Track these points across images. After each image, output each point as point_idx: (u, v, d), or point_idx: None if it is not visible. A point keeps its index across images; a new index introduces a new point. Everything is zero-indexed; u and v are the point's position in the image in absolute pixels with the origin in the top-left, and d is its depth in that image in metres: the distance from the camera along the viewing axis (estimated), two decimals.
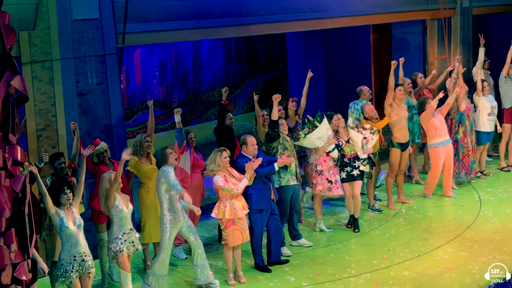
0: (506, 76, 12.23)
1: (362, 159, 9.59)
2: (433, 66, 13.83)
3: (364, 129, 9.69)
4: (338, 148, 9.45)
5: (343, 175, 9.58)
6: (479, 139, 11.78)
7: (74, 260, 6.87)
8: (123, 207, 7.38)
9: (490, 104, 11.81)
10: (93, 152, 7.92)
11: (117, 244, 7.36)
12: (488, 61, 13.00)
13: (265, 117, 9.52)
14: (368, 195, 10.56)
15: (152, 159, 8.57)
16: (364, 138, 9.56)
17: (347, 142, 9.56)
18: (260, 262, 8.55)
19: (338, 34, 16.04)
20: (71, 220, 6.89)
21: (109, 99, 9.10)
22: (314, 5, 11.81)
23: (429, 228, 9.73)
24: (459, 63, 11.53)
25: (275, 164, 8.31)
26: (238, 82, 18.22)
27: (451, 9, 14.33)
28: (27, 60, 8.31)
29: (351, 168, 9.56)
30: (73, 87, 8.74)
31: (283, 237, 9.01)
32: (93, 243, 8.39)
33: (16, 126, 5.30)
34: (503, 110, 12.30)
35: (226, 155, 7.96)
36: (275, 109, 8.59)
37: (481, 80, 11.86)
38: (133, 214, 7.67)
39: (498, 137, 12.35)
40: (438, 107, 10.64)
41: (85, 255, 6.95)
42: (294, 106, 10.16)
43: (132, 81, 15.95)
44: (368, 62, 16.24)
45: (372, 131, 9.69)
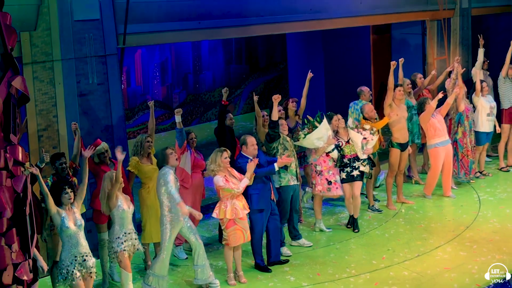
0: (505, 77, 12.22)
1: (362, 160, 9.58)
2: (432, 67, 13.82)
3: (364, 129, 9.68)
4: (338, 149, 9.45)
5: (343, 175, 9.57)
6: (478, 140, 11.77)
7: (75, 260, 6.86)
8: (125, 207, 7.39)
9: (489, 104, 11.81)
10: (94, 152, 7.92)
11: (118, 244, 7.35)
12: (488, 61, 12.99)
13: (265, 117, 9.51)
14: (367, 196, 10.55)
15: (152, 159, 8.57)
16: (364, 139, 9.55)
17: (347, 142, 9.56)
18: (260, 262, 8.55)
19: (338, 35, 16.03)
20: (72, 220, 6.89)
21: (110, 99, 9.09)
22: (314, 6, 11.81)
23: (428, 228, 9.73)
24: (458, 64, 11.52)
25: (275, 164, 8.30)
26: (239, 83, 18.21)
27: (450, 10, 14.33)
28: (28, 60, 8.31)
29: (351, 169, 9.56)
30: (74, 88, 8.73)
31: (283, 237, 9.01)
32: (94, 243, 8.38)
33: (17, 126, 5.29)
34: (502, 111, 12.30)
35: (227, 156, 7.96)
36: (275, 109, 8.58)
37: (480, 81, 11.86)
38: (133, 214, 7.67)
39: (497, 137, 12.33)
40: (438, 107, 10.64)
41: (85, 255, 6.94)
42: (294, 107, 10.16)
43: (133, 81, 15.95)
44: (368, 63, 16.24)
45: (372, 131, 9.69)
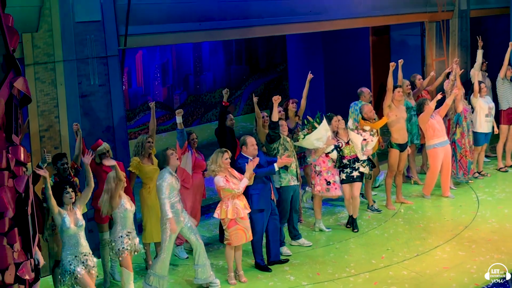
0: (503, 78, 12.21)
1: (361, 161, 9.57)
2: (431, 68, 13.82)
3: (364, 131, 9.67)
4: (337, 149, 9.44)
5: (342, 176, 9.56)
6: (477, 140, 11.76)
7: (75, 259, 6.87)
8: (127, 206, 7.39)
9: (488, 105, 11.80)
10: (95, 153, 7.93)
11: (120, 243, 7.35)
12: (486, 63, 12.98)
13: (265, 118, 9.51)
14: (366, 196, 10.55)
15: (153, 159, 8.56)
16: (364, 140, 9.55)
17: (346, 143, 9.54)
18: (261, 262, 8.54)
19: (338, 36, 16.04)
20: (72, 221, 6.89)
21: (111, 100, 9.09)
22: (314, 7, 11.81)
23: (427, 228, 9.72)
24: (456, 65, 11.52)
25: (275, 165, 8.30)
26: (239, 84, 18.20)
27: (449, 11, 14.32)
28: (30, 61, 8.31)
29: (351, 170, 9.55)
30: (75, 89, 8.73)
31: (283, 236, 9.01)
32: (95, 242, 8.39)
33: (19, 127, 5.29)
34: (500, 112, 12.28)
35: (227, 156, 7.95)
36: (275, 110, 8.57)
37: (478, 82, 11.84)
38: (135, 214, 7.66)
39: (495, 138, 12.33)
40: (437, 108, 10.64)
41: (86, 255, 6.95)
42: (294, 107, 10.15)
43: (134, 82, 15.94)
44: (367, 64, 16.24)
45: (372, 133, 9.68)
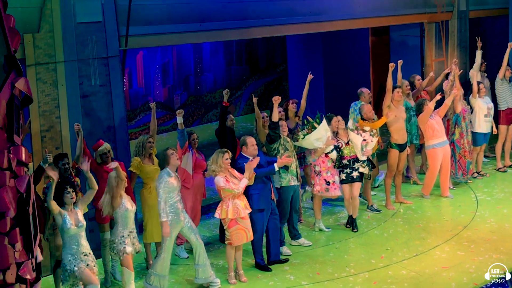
0: (502, 79, 12.20)
1: (361, 161, 9.56)
2: (430, 69, 13.81)
3: (364, 131, 9.66)
4: (337, 150, 9.43)
5: (342, 176, 9.55)
6: (476, 140, 11.76)
7: (75, 258, 6.88)
8: (128, 206, 7.40)
9: (486, 105, 11.79)
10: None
11: (121, 243, 7.35)
12: (485, 63, 12.98)
13: (265, 118, 9.50)
14: (366, 196, 10.54)
15: (154, 159, 8.56)
16: (364, 140, 9.54)
17: (346, 144, 9.54)
18: (261, 261, 8.54)
19: (338, 37, 16.04)
20: (73, 221, 6.91)
21: (112, 100, 9.09)
22: (313, 8, 11.81)
23: (426, 228, 9.72)
24: (455, 66, 11.52)
25: (275, 165, 8.30)
26: (239, 84, 18.20)
27: (448, 12, 14.32)
28: (32, 62, 8.30)
29: (351, 170, 9.54)
30: (76, 89, 8.72)
31: (283, 236, 9.00)
32: (96, 242, 8.39)
33: (21, 127, 5.29)
34: (499, 112, 12.27)
35: (228, 157, 7.95)
36: (275, 110, 8.57)
37: (477, 82, 11.83)
38: (135, 214, 7.66)
39: (494, 138, 12.32)
40: (436, 108, 10.64)
41: (86, 255, 6.96)
42: (294, 108, 10.15)
43: (135, 83, 15.94)
44: (367, 64, 16.26)
45: (371, 133, 9.67)
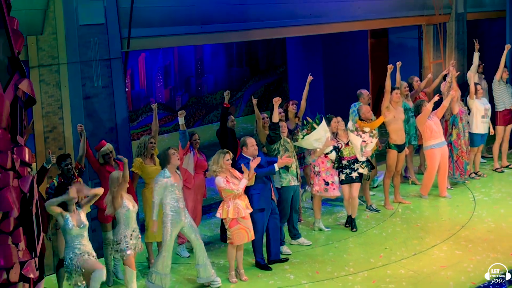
0: (499, 80, 12.20)
1: (361, 162, 9.55)
2: (428, 70, 13.82)
3: (363, 132, 9.66)
4: (336, 150, 9.43)
5: (342, 177, 9.54)
6: (473, 141, 11.76)
7: (76, 255, 6.90)
8: (130, 206, 7.39)
9: (484, 106, 11.79)
10: (99, 153, 7.96)
11: (124, 243, 7.35)
12: (482, 65, 12.98)
13: (265, 119, 9.50)
14: (365, 196, 10.54)
15: (156, 160, 8.56)
16: (363, 141, 9.53)
17: (346, 144, 9.53)
18: (261, 261, 8.53)
19: (337, 39, 16.05)
20: (75, 221, 6.91)
21: (114, 101, 9.09)
22: (313, 11, 11.81)
23: (425, 228, 9.71)
24: (453, 67, 11.52)
25: (275, 165, 8.29)
26: (240, 86, 18.21)
27: (446, 14, 14.32)
28: (35, 64, 8.30)
29: (350, 170, 9.53)
30: (79, 90, 8.73)
31: (283, 236, 9.00)
32: (99, 241, 8.38)
33: (24, 128, 5.28)
34: (496, 113, 12.27)
35: (229, 157, 7.95)
36: (276, 111, 8.58)
37: (474, 84, 11.84)
38: (137, 214, 7.66)
39: (492, 139, 12.33)
40: (434, 110, 10.64)
41: (88, 255, 6.96)
42: (294, 109, 10.15)
43: (137, 84, 15.95)
44: (366, 66, 16.26)
45: (371, 134, 9.67)
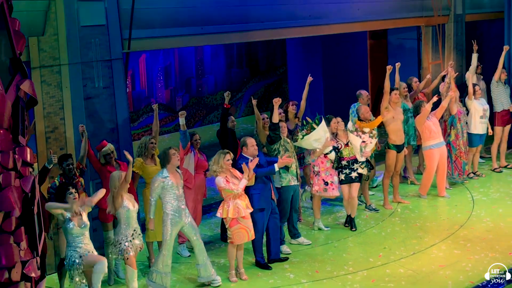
0: (497, 81, 12.20)
1: (360, 162, 9.55)
2: (427, 71, 13.82)
3: (363, 133, 9.65)
4: (336, 151, 9.43)
5: (342, 177, 9.53)
6: (472, 141, 11.76)
7: (77, 252, 6.91)
8: (130, 206, 7.39)
9: (482, 107, 11.79)
10: (100, 154, 7.94)
11: (124, 242, 7.35)
12: (481, 66, 12.98)
13: (265, 120, 9.50)
14: (364, 196, 10.54)
15: (156, 160, 8.56)
16: (363, 142, 9.53)
17: (346, 145, 9.52)
18: (261, 260, 8.53)
19: (337, 40, 16.05)
20: (76, 222, 6.92)
21: (115, 102, 9.08)
22: (313, 12, 11.81)
23: (424, 227, 9.71)
24: (451, 68, 11.52)
25: (275, 165, 8.29)
26: (240, 86, 18.21)
27: (445, 16, 14.32)
28: (36, 65, 8.30)
29: (350, 171, 9.53)
30: (80, 91, 8.72)
31: (283, 235, 9.00)
32: (100, 241, 8.38)
33: (26, 128, 5.28)
34: (494, 114, 12.27)
35: (229, 158, 7.95)
36: (276, 112, 8.58)
37: (472, 84, 11.84)
38: (138, 213, 7.67)
39: (490, 139, 12.33)
40: (433, 110, 10.63)
41: (89, 253, 6.96)
42: (294, 109, 10.15)
43: (138, 85, 15.95)
44: (365, 67, 16.26)
45: (371, 134, 9.66)
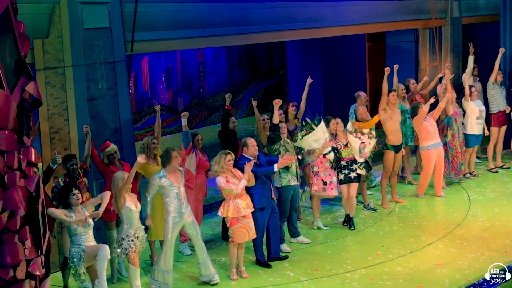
0: (493, 83, 12.21)
1: (359, 163, 9.55)
2: (425, 73, 13.83)
3: (362, 134, 9.65)
4: (335, 151, 9.43)
5: (341, 177, 9.53)
6: (468, 142, 11.75)
7: (80, 252, 6.91)
8: (132, 207, 7.39)
9: (478, 108, 11.79)
10: (104, 154, 7.95)
11: (127, 241, 7.35)
12: (477, 68, 12.98)
13: (265, 121, 9.51)
14: (362, 195, 10.54)
15: (158, 160, 8.56)
16: (362, 143, 9.53)
17: (345, 146, 9.52)
18: (261, 258, 8.53)
19: (335, 42, 16.06)
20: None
21: (118, 103, 9.09)
22: (312, 15, 11.82)
23: (421, 226, 9.71)
24: (448, 70, 11.52)
25: (275, 165, 8.29)
26: (240, 88, 18.21)
27: (442, 18, 14.33)
28: (41, 66, 8.31)
29: (349, 171, 9.52)
30: (84, 92, 8.73)
31: (283, 234, 9.00)
32: (103, 240, 8.38)
33: (30, 129, 5.28)
34: (490, 115, 12.28)
35: (230, 158, 7.95)
36: (276, 113, 8.59)
37: (468, 86, 11.84)
38: (140, 213, 7.67)
39: (486, 139, 12.33)
40: (430, 111, 10.64)
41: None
42: (293, 110, 10.15)
43: (140, 86, 15.95)
44: (363, 69, 16.26)
45: (370, 135, 9.66)
